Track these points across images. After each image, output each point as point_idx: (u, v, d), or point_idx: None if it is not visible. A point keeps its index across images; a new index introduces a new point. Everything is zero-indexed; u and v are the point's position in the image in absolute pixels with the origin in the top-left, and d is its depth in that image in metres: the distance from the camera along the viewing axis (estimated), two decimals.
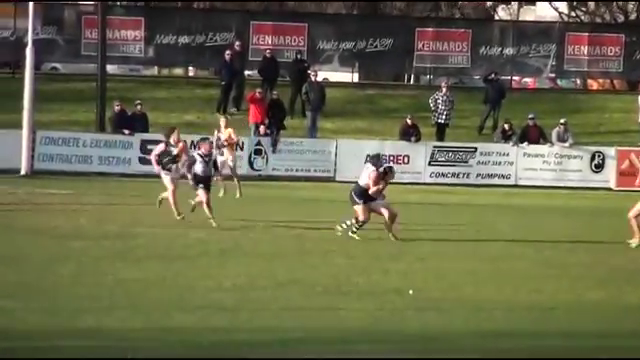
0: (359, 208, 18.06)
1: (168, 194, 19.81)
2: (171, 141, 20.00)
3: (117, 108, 29.27)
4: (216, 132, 25.13)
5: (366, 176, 18.18)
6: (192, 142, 29.32)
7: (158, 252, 17.38)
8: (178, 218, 19.71)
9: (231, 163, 23.78)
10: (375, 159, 18.25)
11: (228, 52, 32.26)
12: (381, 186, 18.31)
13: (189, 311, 13.20)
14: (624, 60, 35.60)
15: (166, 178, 19.98)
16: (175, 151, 19.77)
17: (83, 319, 12.57)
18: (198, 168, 19.48)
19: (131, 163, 29.02)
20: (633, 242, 18.32)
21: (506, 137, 30.55)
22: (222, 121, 25.29)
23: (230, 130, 24.83)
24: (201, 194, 19.43)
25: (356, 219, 18.25)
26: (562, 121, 30.59)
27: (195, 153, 19.94)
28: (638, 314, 14.03)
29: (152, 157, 20.26)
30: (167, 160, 19.66)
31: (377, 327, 12.78)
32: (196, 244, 18.26)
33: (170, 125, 32.34)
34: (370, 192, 18.04)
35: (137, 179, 28.19)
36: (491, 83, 32.69)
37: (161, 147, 20.05)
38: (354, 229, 18.30)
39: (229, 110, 32.80)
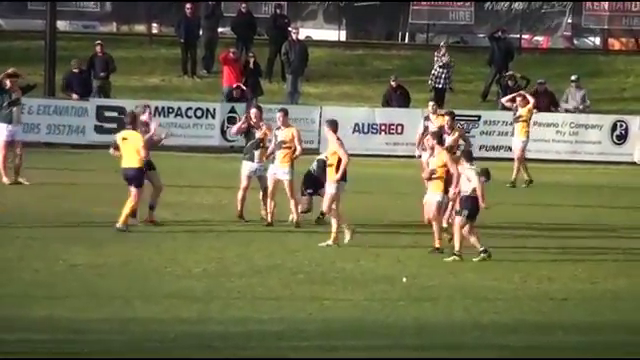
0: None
1: None
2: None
3: (76, 70, 29.19)
4: None
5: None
6: (160, 108, 29.36)
7: (117, 234, 17.46)
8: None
9: None
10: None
11: (188, 6, 32.30)
12: None
13: (153, 300, 13.31)
14: None
15: None
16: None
17: (32, 309, 12.66)
18: None
19: (85, 132, 29.02)
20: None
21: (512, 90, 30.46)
22: None
23: None
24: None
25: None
26: (573, 78, 30.56)
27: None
28: None
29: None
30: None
31: (366, 319, 12.93)
32: (162, 224, 18.33)
33: (130, 88, 32.50)
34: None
35: (93, 150, 28.21)
36: (497, 42, 32.70)
37: None
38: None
39: (198, 72, 32.81)
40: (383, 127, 29.83)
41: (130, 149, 18.01)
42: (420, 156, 20.44)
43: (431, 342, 12.05)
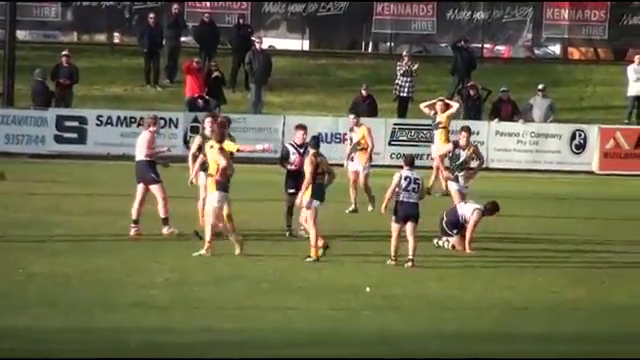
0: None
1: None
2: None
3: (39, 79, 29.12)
4: None
5: None
6: (122, 117, 29.27)
7: (78, 243, 17.32)
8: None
9: None
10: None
11: (151, 15, 32.25)
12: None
13: (115, 309, 13.21)
14: (609, 26, 35.97)
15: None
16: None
17: None
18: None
19: (45, 142, 28.87)
20: None
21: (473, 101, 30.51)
22: None
23: None
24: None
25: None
26: (540, 87, 30.71)
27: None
28: (622, 315, 14.25)
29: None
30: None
31: (329, 328, 12.89)
32: (124, 234, 18.22)
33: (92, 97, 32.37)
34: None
35: (52, 160, 28.03)
36: (460, 51, 32.85)
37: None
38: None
39: (161, 81, 32.70)
40: (347, 136, 29.83)
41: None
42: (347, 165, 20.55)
43: (394, 351, 12.03)
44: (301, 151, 18.58)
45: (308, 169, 16.99)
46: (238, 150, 18.18)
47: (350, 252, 17.60)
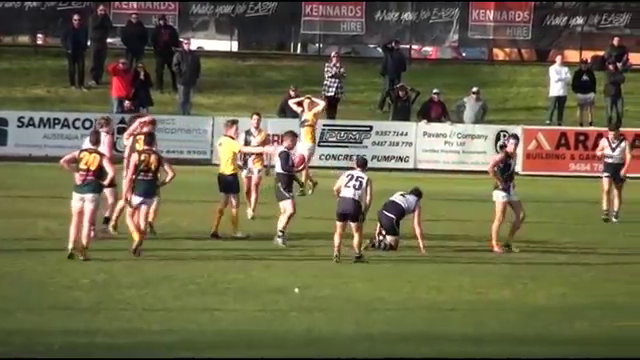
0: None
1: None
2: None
3: None
4: None
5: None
6: (44, 119, 28.93)
7: None
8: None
9: None
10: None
11: (76, 17, 31.96)
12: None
13: (37, 311, 13.03)
14: (533, 27, 36.37)
15: None
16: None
17: None
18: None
19: None
20: None
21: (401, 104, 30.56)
22: None
23: None
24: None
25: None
26: (474, 90, 30.94)
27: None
28: (546, 316, 14.40)
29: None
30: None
31: (257, 330, 12.85)
32: (46, 236, 18.00)
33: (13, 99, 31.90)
34: None
35: None
36: (391, 52, 32.95)
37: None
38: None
39: (86, 83, 32.38)
40: (275, 138, 29.78)
41: (224, 155, 18.26)
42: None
43: (322, 353, 12.01)
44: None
45: (130, 164, 16.97)
46: (239, 151, 18.42)
47: (279, 254, 17.57)
